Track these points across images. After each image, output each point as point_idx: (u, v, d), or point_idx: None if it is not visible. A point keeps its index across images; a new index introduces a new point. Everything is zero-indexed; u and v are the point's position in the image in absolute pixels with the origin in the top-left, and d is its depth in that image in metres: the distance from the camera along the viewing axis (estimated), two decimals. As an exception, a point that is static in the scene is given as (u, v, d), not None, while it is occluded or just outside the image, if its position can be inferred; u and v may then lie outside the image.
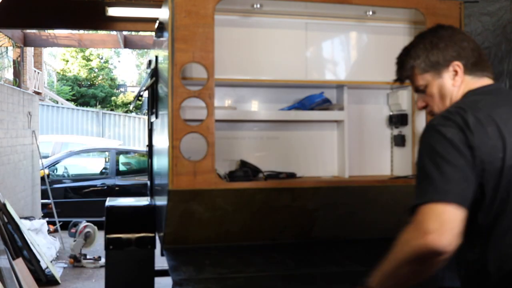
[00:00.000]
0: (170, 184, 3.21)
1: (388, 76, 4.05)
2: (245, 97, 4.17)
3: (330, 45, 4.10)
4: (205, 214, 3.45)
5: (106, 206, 4.51)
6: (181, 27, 3.23)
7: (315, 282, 3.01)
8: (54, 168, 11.06)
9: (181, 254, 3.50)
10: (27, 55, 14.19)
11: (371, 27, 4.05)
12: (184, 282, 2.90)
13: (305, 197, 3.53)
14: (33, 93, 11.71)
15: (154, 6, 7.90)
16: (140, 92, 5.48)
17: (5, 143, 7.77)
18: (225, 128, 4.00)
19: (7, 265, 5.30)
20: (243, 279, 3.03)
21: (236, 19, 3.86)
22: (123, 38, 11.29)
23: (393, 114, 4.28)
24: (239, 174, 3.67)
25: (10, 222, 6.38)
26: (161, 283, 5.19)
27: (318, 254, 3.58)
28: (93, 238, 7.72)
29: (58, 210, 9.49)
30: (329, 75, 4.09)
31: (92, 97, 28.94)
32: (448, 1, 3.63)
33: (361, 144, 4.26)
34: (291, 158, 4.14)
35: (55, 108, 20.18)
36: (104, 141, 16.26)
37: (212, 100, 3.27)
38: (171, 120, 3.22)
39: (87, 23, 8.75)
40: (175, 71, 3.23)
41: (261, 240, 3.75)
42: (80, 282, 6.89)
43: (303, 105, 4.13)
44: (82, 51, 29.01)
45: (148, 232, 4.29)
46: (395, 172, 4.27)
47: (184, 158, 3.22)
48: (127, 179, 10.97)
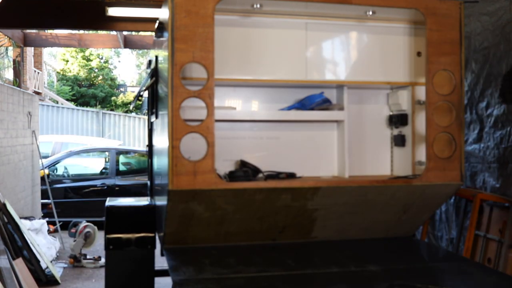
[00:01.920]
0: (170, 184, 3.21)
1: (388, 76, 4.10)
2: (245, 97, 4.17)
3: (330, 45, 4.11)
4: (205, 214, 3.45)
5: (106, 206, 4.50)
6: (181, 27, 3.23)
7: (315, 282, 3.01)
8: (54, 168, 11.06)
9: (181, 254, 3.50)
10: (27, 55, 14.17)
11: (371, 27, 4.05)
12: (184, 282, 2.90)
13: (305, 197, 3.53)
14: (33, 93, 11.70)
15: (154, 6, 7.91)
16: (140, 92, 5.48)
17: (5, 143, 7.77)
18: (225, 128, 4.00)
19: (7, 265, 5.30)
20: (243, 279, 3.03)
21: (236, 19, 3.86)
22: (123, 38, 11.29)
23: (393, 114, 4.28)
24: (239, 174, 3.67)
25: (10, 222, 6.38)
26: (161, 283, 5.19)
27: (318, 254, 3.58)
28: (93, 238, 7.72)
29: (58, 210, 9.50)
30: (329, 75, 4.09)
31: (92, 97, 28.93)
32: (448, 1, 3.63)
33: (361, 144, 4.26)
34: (291, 158, 4.14)
35: (55, 108, 20.17)
36: (104, 141, 16.25)
37: (212, 100, 3.27)
38: (171, 120, 3.22)
39: (87, 23, 8.75)
40: (175, 71, 3.23)
41: (261, 240, 3.75)
42: (80, 282, 6.89)
43: (303, 105, 4.13)
44: (82, 51, 29.01)
45: (148, 232, 4.29)
46: (395, 172, 4.27)
47: (184, 158, 3.22)
48: (127, 179, 10.97)
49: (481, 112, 5.06)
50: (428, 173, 3.60)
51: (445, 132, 3.62)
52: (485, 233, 4.72)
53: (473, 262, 4.18)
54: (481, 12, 5.04)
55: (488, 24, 4.96)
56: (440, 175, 3.61)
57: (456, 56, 3.63)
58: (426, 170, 3.60)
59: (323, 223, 3.76)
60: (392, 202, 3.72)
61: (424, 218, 4.02)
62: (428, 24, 3.58)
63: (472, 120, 5.18)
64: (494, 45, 4.87)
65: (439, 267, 3.45)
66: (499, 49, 4.81)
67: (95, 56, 30.06)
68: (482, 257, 4.69)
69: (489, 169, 4.95)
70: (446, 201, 4.42)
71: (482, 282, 3.14)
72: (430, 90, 3.59)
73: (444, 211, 5.57)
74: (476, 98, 5.12)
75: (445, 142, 3.63)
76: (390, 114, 4.32)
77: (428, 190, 3.68)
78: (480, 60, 5.07)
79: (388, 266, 3.30)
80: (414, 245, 4.00)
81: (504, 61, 4.74)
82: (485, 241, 4.71)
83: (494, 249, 4.59)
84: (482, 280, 3.17)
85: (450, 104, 3.62)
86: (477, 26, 5.11)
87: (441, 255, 4.15)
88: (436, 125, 3.59)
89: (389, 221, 3.91)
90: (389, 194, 3.67)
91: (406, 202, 3.76)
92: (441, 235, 5.62)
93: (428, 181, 3.61)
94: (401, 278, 3.09)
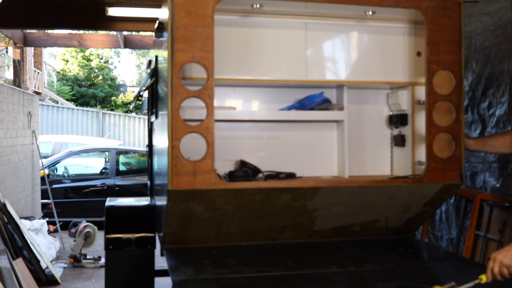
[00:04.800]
0: (169, 184, 3.20)
1: (388, 76, 4.09)
2: (245, 97, 4.16)
3: (330, 45, 4.10)
4: (205, 214, 3.45)
5: (106, 206, 4.50)
6: (180, 27, 3.23)
7: (315, 282, 3.01)
8: (54, 168, 11.07)
9: (181, 254, 3.49)
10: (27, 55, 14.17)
11: (371, 27, 4.05)
12: (184, 282, 2.90)
13: (305, 197, 3.53)
14: (33, 93, 11.70)
15: (154, 6, 7.91)
16: (140, 92, 5.47)
17: (5, 143, 7.77)
18: (225, 128, 3.99)
19: (7, 265, 5.30)
20: (242, 279, 3.03)
21: (236, 19, 3.85)
22: (123, 38, 11.30)
23: (393, 114, 4.28)
24: (239, 174, 3.67)
25: (10, 222, 6.38)
26: (161, 283, 5.20)
27: (318, 254, 3.58)
28: (93, 238, 7.72)
29: (58, 210, 9.50)
30: (329, 75, 4.08)
31: (92, 97, 28.95)
32: (448, 1, 3.63)
33: (361, 144, 4.26)
34: (291, 158, 4.14)
35: (55, 108, 20.18)
36: (104, 141, 16.26)
37: (212, 100, 3.26)
38: (171, 120, 3.22)
39: (87, 23, 8.76)
40: (175, 71, 3.22)
41: (261, 240, 3.74)
42: (80, 282, 6.89)
43: (303, 105, 4.12)
44: (82, 51, 29.03)
45: (148, 232, 4.29)
46: (395, 172, 4.27)
47: (184, 158, 3.22)
48: (127, 179, 10.97)
49: (482, 112, 5.05)
50: (428, 173, 3.59)
51: (445, 132, 3.61)
52: (485, 233, 4.71)
53: (473, 262, 4.18)
54: (482, 12, 5.03)
55: (489, 24, 4.96)
56: (440, 175, 3.61)
57: (456, 56, 3.63)
58: (426, 170, 3.60)
59: (323, 223, 3.76)
60: (392, 202, 3.72)
61: (424, 218, 4.01)
62: (428, 24, 3.58)
63: (474, 120, 5.17)
64: (495, 45, 4.87)
65: (439, 267, 3.45)
66: (500, 49, 4.81)
67: (95, 56, 30.08)
68: (482, 257, 4.69)
69: (490, 169, 4.94)
70: (446, 201, 4.42)
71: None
72: (430, 90, 3.58)
73: (444, 211, 5.57)
74: (477, 98, 5.12)
75: (445, 142, 3.62)
76: (390, 114, 4.32)
77: (428, 190, 3.68)
78: (481, 60, 5.07)
79: (388, 266, 3.30)
80: (414, 245, 4.00)
81: (505, 61, 4.74)
82: (485, 241, 4.71)
83: (494, 249, 4.59)
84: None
85: (450, 104, 3.61)
86: (478, 26, 5.10)
87: (441, 255, 4.14)
88: (436, 125, 3.59)
89: (389, 221, 3.90)
90: (389, 194, 3.67)
91: (406, 202, 3.76)
92: (441, 235, 5.62)
93: (428, 181, 3.60)
94: (401, 278, 3.08)
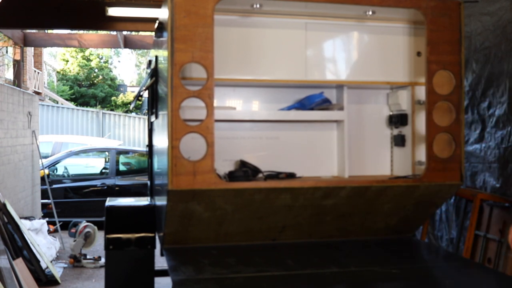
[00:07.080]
0: (169, 184, 3.20)
1: (388, 76, 4.09)
2: (245, 97, 4.17)
3: (330, 45, 4.10)
4: (204, 214, 3.45)
5: (106, 206, 4.50)
6: (180, 27, 3.23)
7: (315, 282, 3.01)
8: (54, 168, 11.06)
9: (181, 254, 3.49)
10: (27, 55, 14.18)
11: (371, 27, 4.05)
12: (184, 282, 2.90)
13: (305, 197, 3.53)
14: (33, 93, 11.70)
15: (154, 6, 7.92)
16: (140, 92, 5.47)
17: (5, 143, 7.77)
18: (225, 128, 3.99)
19: (7, 265, 5.30)
20: (242, 279, 3.03)
21: (236, 19, 3.86)
22: (123, 38, 11.30)
23: (393, 114, 4.28)
24: (239, 174, 3.67)
25: (10, 222, 6.38)
26: (161, 283, 5.19)
27: (318, 254, 3.58)
28: (93, 238, 7.72)
29: (58, 210, 9.50)
30: (329, 75, 4.09)
31: (92, 97, 28.95)
32: (448, 1, 3.63)
33: (361, 144, 4.26)
34: (291, 158, 4.14)
35: (55, 108, 20.17)
36: (104, 141, 16.25)
37: (212, 100, 3.26)
38: (171, 120, 3.22)
39: (87, 23, 8.76)
40: (175, 71, 3.22)
41: (261, 240, 3.74)
42: (80, 282, 6.88)
43: (303, 105, 4.12)
44: (82, 51, 29.02)
45: (148, 232, 4.29)
46: (395, 172, 4.27)
47: (184, 158, 3.22)
48: (127, 179, 10.97)
49: (482, 112, 5.05)
50: (428, 173, 3.59)
51: (445, 132, 3.61)
52: (485, 233, 4.72)
53: (473, 262, 4.18)
54: (482, 12, 5.03)
55: (489, 24, 4.96)
56: (440, 175, 3.61)
57: (456, 56, 3.63)
58: (426, 170, 3.60)
59: (323, 223, 3.76)
60: (392, 202, 3.72)
61: (424, 218, 4.02)
62: (428, 24, 3.58)
63: (474, 120, 5.17)
64: (495, 45, 4.87)
65: (439, 267, 3.45)
66: (500, 49, 4.81)
67: (95, 56, 30.08)
68: (482, 257, 4.69)
69: (490, 169, 4.94)
70: (446, 201, 4.41)
71: (482, 282, 3.14)
72: (430, 90, 3.58)
73: (444, 211, 5.57)
74: (477, 98, 5.12)
75: (445, 142, 3.62)
76: (390, 114, 4.32)
77: (428, 190, 3.68)
78: (481, 60, 5.07)
79: (388, 266, 3.30)
80: (414, 245, 4.00)
81: (505, 61, 4.74)
82: (485, 241, 4.71)
83: (494, 249, 4.59)
84: (482, 280, 3.17)
85: (450, 104, 3.61)
86: (478, 26, 5.10)
87: (441, 255, 4.14)
88: (436, 125, 3.59)
89: (389, 221, 3.90)
90: (389, 194, 3.67)
91: (406, 202, 3.76)
92: (441, 235, 5.62)
93: (428, 181, 3.60)
94: (401, 278, 3.08)
